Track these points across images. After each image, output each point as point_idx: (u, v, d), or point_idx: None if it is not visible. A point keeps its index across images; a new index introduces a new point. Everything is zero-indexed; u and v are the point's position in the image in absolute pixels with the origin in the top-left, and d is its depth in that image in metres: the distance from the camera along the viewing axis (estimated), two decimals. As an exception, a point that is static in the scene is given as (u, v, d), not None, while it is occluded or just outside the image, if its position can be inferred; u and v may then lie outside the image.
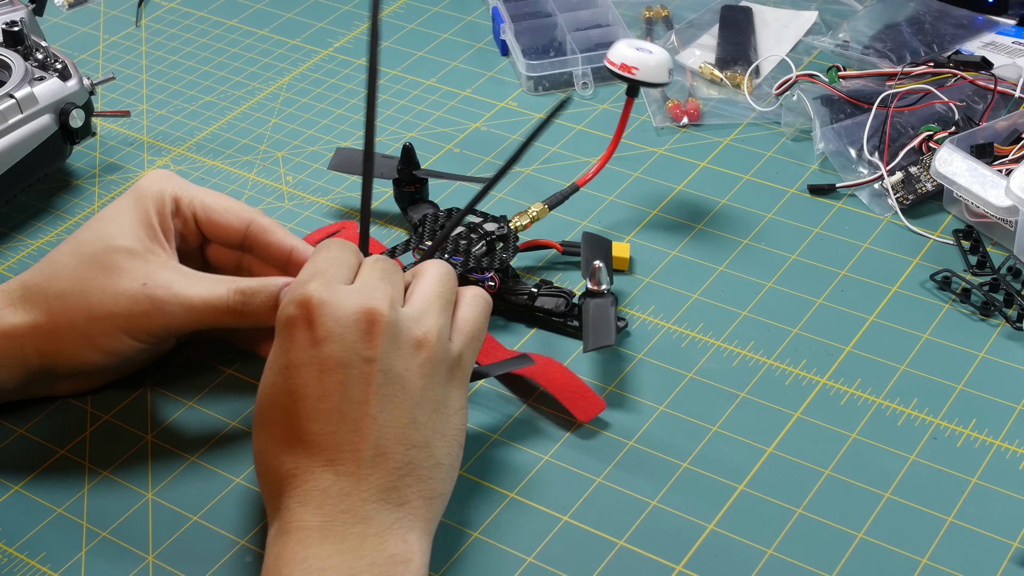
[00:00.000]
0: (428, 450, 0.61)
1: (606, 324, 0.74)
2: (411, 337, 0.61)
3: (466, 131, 0.97)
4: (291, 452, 0.60)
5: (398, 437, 0.60)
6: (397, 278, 0.64)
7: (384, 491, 0.59)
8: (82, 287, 0.69)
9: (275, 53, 1.08)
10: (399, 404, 0.60)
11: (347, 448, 0.59)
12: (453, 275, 0.66)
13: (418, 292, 0.64)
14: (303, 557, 0.56)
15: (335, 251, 0.65)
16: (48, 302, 0.69)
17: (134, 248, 0.70)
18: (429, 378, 0.62)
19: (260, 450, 0.62)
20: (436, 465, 0.61)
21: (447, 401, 0.63)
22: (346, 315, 0.60)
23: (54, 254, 0.71)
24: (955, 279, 0.79)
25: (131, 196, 0.72)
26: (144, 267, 0.69)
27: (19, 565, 0.66)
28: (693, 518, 0.66)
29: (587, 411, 0.72)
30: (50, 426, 0.73)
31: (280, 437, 0.60)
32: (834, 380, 0.74)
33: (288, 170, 0.94)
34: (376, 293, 0.61)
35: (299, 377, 0.60)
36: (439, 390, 0.62)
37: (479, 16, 1.11)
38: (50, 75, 0.88)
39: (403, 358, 0.61)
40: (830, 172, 0.90)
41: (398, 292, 0.63)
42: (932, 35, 1.01)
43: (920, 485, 0.67)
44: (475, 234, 0.80)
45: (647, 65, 0.82)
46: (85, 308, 0.68)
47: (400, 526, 0.59)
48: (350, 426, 0.59)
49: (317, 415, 0.59)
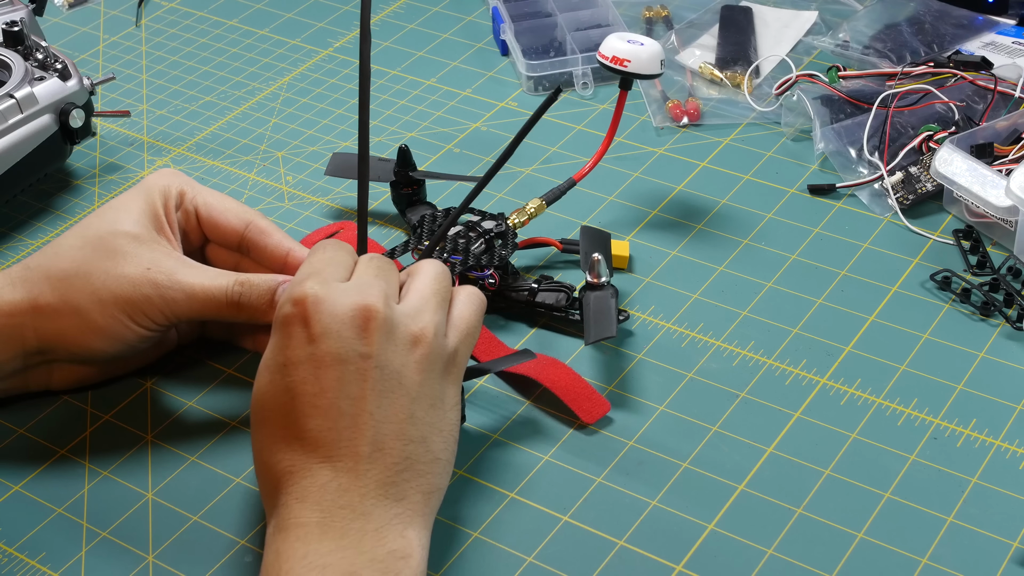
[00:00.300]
0: (425, 445, 0.61)
1: (607, 316, 0.74)
2: (407, 333, 0.62)
3: (466, 131, 0.97)
4: (289, 449, 0.60)
5: (396, 432, 0.60)
6: (392, 276, 0.65)
7: (383, 486, 0.59)
8: (86, 268, 0.69)
9: (275, 53, 1.08)
10: (396, 400, 0.60)
11: (345, 444, 0.59)
12: (448, 274, 0.67)
13: (414, 289, 0.65)
14: (303, 554, 0.56)
15: (330, 251, 0.65)
16: (50, 282, 0.69)
17: (140, 234, 0.71)
18: (426, 374, 0.62)
19: (258, 448, 0.62)
20: (434, 460, 0.61)
21: (443, 396, 0.63)
22: (342, 312, 0.60)
23: (60, 238, 0.72)
24: (955, 279, 0.79)
25: (139, 188, 0.74)
26: (149, 253, 0.70)
27: (19, 565, 0.66)
28: (693, 518, 0.66)
29: (592, 412, 0.72)
30: (50, 426, 0.73)
31: (278, 434, 0.60)
32: (834, 380, 0.74)
33: (288, 170, 0.94)
34: (371, 290, 0.62)
35: (296, 374, 0.60)
36: (436, 386, 0.63)
37: (479, 16, 1.11)
38: (50, 75, 0.88)
39: (400, 354, 0.61)
40: (830, 172, 0.90)
41: (393, 289, 0.64)
42: (932, 35, 1.01)
43: (920, 485, 0.67)
44: (473, 232, 0.80)
45: (639, 57, 0.82)
46: (88, 289, 0.69)
47: (399, 521, 0.59)
48: (347, 422, 0.59)
49: (314, 411, 0.59)
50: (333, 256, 0.65)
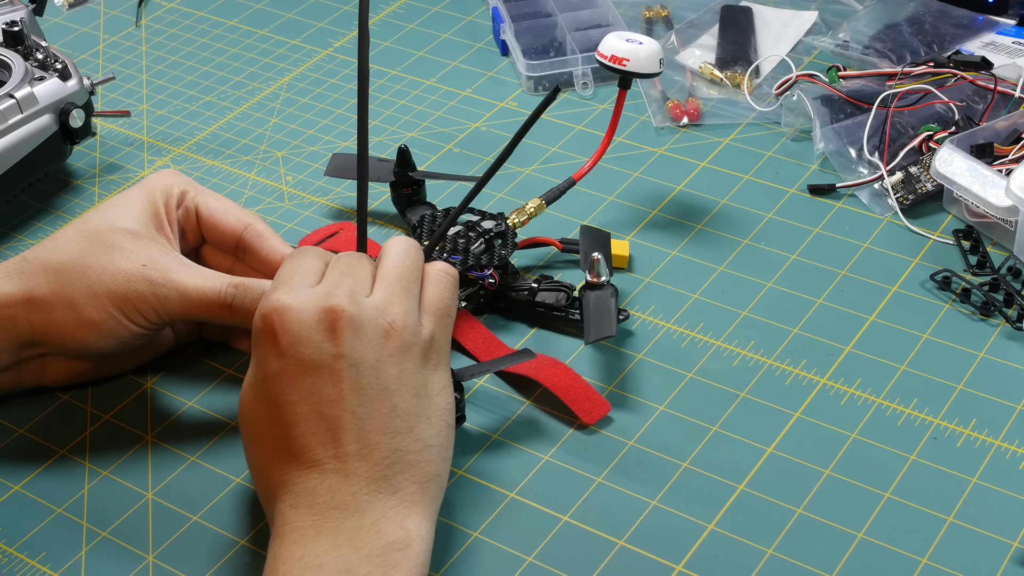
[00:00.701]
0: (414, 435, 0.61)
1: (607, 315, 0.74)
2: (377, 328, 0.62)
3: (466, 131, 0.97)
4: (278, 460, 0.60)
5: (380, 427, 0.60)
6: (361, 269, 0.65)
7: (374, 481, 0.59)
8: (82, 262, 0.70)
9: (275, 53, 1.08)
10: (376, 395, 0.61)
11: (330, 446, 0.59)
12: (412, 251, 0.66)
13: (379, 279, 0.64)
14: (299, 556, 0.57)
15: (299, 259, 0.66)
16: (46, 274, 0.70)
17: (138, 231, 0.71)
18: (402, 365, 0.62)
19: (251, 462, 0.63)
20: (424, 447, 0.61)
21: (426, 384, 0.63)
22: (309, 318, 0.61)
23: (59, 232, 0.73)
24: (955, 279, 0.79)
25: (141, 186, 0.74)
26: (145, 250, 0.71)
27: (19, 565, 0.66)
28: (693, 518, 0.66)
29: (592, 413, 0.72)
30: (50, 426, 0.73)
31: (267, 448, 0.61)
32: (834, 380, 0.74)
33: (288, 170, 0.94)
34: (336, 291, 0.62)
35: (275, 386, 0.61)
36: (416, 375, 0.62)
37: (479, 16, 1.11)
38: (50, 75, 0.88)
39: (373, 349, 0.61)
40: (830, 172, 0.90)
41: (361, 284, 0.64)
42: (932, 35, 1.01)
43: (920, 485, 0.67)
44: (473, 232, 0.80)
45: (638, 56, 0.82)
46: (82, 283, 0.69)
47: (396, 513, 0.59)
48: (329, 424, 0.60)
49: (297, 419, 0.60)
50: (301, 263, 0.65)
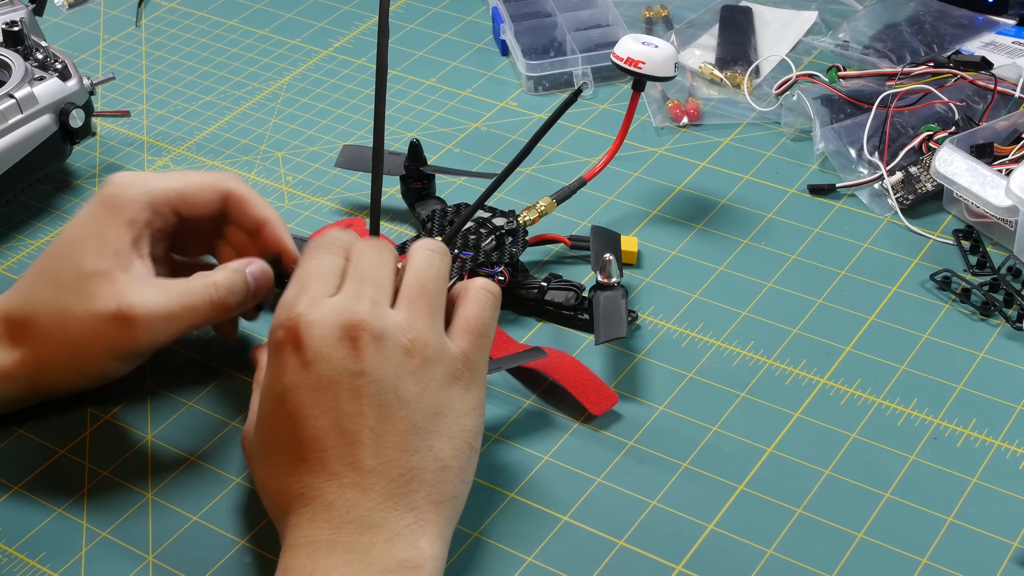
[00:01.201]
0: (432, 454, 0.61)
1: (617, 316, 0.74)
2: (399, 345, 0.61)
3: (466, 131, 0.97)
4: (296, 473, 0.60)
5: (398, 444, 0.60)
6: (383, 271, 0.64)
7: (391, 498, 0.59)
8: (60, 322, 0.68)
9: (275, 53, 1.08)
10: (395, 412, 0.60)
11: (348, 461, 0.59)
12: (438, 259, 0.65)
13: (403, 292, 0.63)
14: (311, 571, 0.57)
15: (317, 259, 0.64)
16: (33, 339, 0.69)
17: (105, 269, 0.68)
18: (425, 383, 0.61)
19: (265, 475, 0.62)
20: (443, 468, 0.61)
21: (450, 403, 0.62)
22: (331, 333, 0.60)
23: (30, 281, 0.71)
24: (955, 279, 0.79)
25: (102, 208, 0.71)
26: (116, 289, 0.68)
27: (19, 565, 0.66)
28: (693, 518, 0.66)
29: (600, 404, 0.72)
30: (50, 426, 0.73)
31: (284, 461, 0.60)
32: (834, 380, 0.74)
33: (288, 170, 0.94)
34: (358, 304, 0.61)
35: (294, 400, 0.60)
36: (439, 393, 0.62)
37: (479, 16, 1.11)
38: (50, 75, 0.88)
39: (393, 366, 0.60)
40: (830, 172, 0.90)
41: (383, 292, 0.63)
42: (932, 35, 1.01)
43: (920, 485, 0.67)
44: (484, 229, 0.80)
45: (654, 59, 0.83)
46: (67, 342, 0.69)
47: (410, 532, 0.58)
48: (348, 439, 0.59)
49: (316, 433, 0.59)
50: (319, 263, 0.64)
